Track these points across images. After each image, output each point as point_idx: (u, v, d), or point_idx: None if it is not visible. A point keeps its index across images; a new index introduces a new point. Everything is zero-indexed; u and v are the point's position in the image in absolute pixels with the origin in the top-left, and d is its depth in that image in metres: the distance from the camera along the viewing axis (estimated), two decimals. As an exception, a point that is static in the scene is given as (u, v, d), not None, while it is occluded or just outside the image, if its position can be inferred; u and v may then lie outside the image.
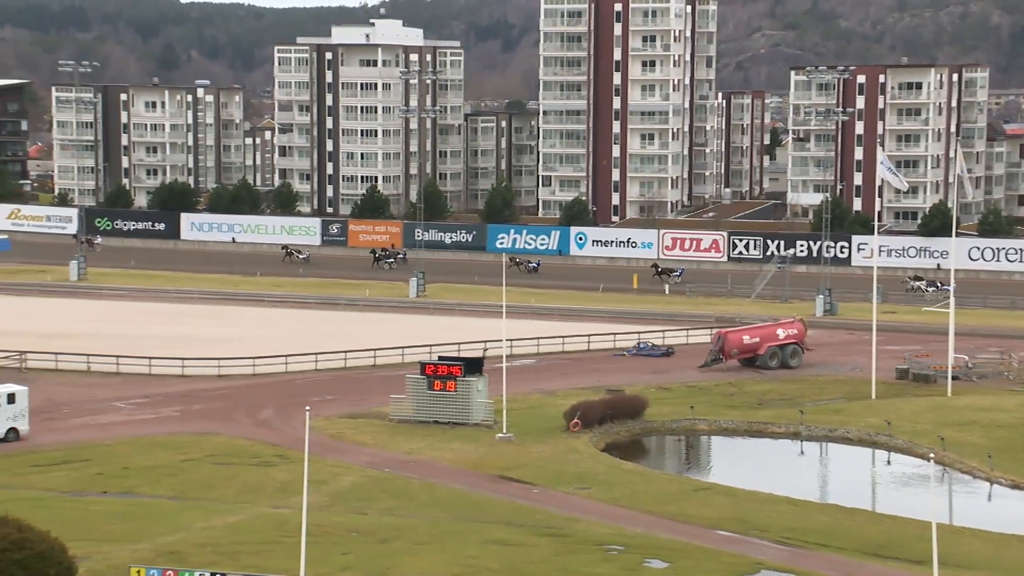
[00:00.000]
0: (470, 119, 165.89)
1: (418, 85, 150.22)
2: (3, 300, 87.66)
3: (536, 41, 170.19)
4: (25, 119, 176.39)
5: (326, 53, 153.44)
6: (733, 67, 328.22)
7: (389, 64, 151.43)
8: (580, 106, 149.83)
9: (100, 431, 55.65)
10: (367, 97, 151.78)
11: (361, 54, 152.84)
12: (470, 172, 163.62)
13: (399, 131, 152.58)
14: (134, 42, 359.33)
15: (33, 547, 32.78)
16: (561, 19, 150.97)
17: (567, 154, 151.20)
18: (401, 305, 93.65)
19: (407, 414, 58.29)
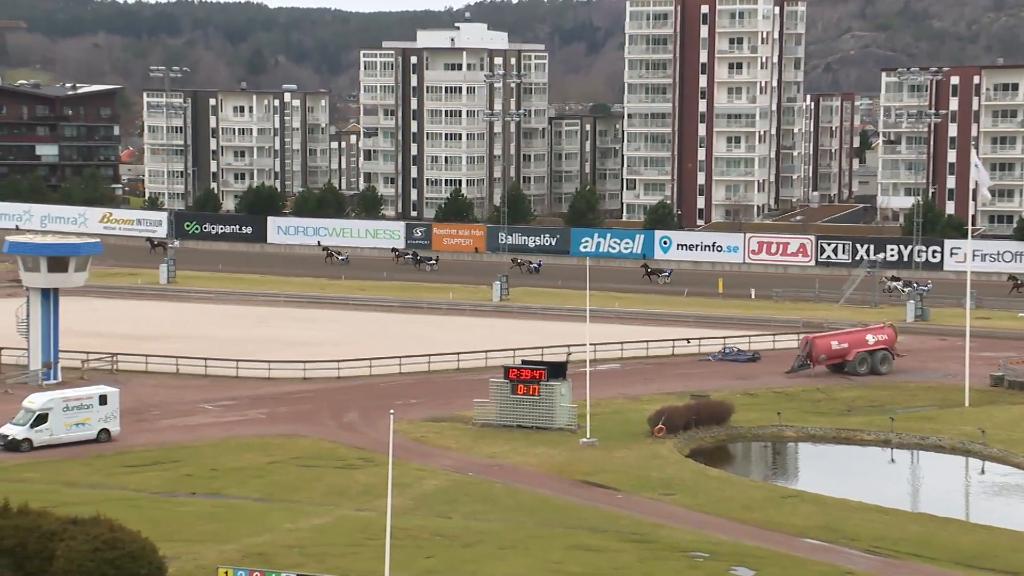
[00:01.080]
0: (554, 122, 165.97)
1: (502, 88, 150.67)
2: (95, 303, 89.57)
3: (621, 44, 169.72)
4: (117, 124, 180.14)
5: (411, 57, 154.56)
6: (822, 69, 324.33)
7: (474, 68, 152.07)
8: (665, 109, 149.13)
9: (189, 432, 56.60)
10: (451, 101, 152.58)
11: (446, 58, 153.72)
12: (554, 176, 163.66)
13: (483, 135, 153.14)
14: (223, 47, 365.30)
15: (125, 547, 33.43)
16: (647, 21, 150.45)
17: (652, 157, 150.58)
18: (485, 309, 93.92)
19: (491, 418, 58.46)
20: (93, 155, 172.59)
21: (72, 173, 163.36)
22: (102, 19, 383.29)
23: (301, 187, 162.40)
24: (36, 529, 34.31)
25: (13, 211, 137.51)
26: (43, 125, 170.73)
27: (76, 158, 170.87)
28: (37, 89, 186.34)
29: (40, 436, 53.09)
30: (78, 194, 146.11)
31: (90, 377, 65.61)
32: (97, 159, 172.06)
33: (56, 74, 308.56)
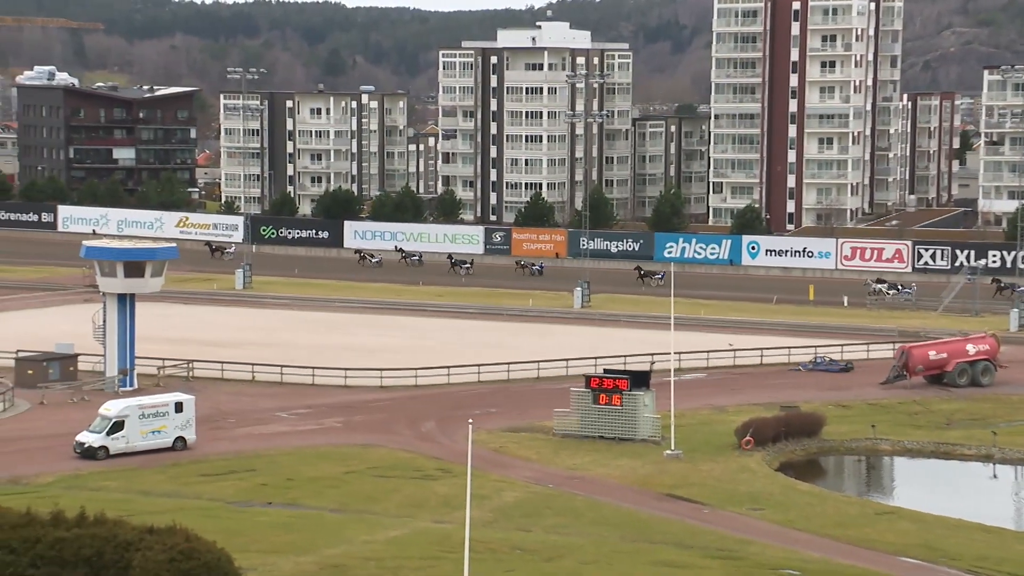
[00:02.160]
0: (638, 124, 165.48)
1: (585, 89, 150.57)
2: (171, 308, 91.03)
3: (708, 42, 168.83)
4: (194, 127, 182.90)
5: (491, 57, 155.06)
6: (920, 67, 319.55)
7: (555, 68, 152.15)
8: (754, 109, 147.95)
9: (264, 441, 57.25)
10: (532, 102, 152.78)
11: (527, 57, 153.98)
12: (637, 179, 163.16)
13: (564, 136, 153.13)
14: (300, 48, 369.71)
15: (200, 557, 33.87)
16: (735, 19, 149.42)
17: (739, 159, 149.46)
18: (565, 316, 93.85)
19: (571, 428, 58.37)
20: (170, 158, 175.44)
21: (149, 177, 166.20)
22: (179, 20, 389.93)
23: (378, 191, 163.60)
24: (112, 538, 34.91)
25: (90, 215, 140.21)
26: (120, 128, 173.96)
27: (153, 162, 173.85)
28: (115, 92, 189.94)
29: (116, 444, 54.03)
30: (154, 198, 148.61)
31: (166, 384, 66.72)
32: (174, 163, 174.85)
33: (133, 76, 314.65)
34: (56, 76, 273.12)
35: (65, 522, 35.69)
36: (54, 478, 50.29)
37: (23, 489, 48.11)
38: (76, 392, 64.97)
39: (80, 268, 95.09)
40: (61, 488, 48.58)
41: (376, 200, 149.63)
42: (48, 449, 54.63)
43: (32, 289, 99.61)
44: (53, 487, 48.82)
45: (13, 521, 35.67)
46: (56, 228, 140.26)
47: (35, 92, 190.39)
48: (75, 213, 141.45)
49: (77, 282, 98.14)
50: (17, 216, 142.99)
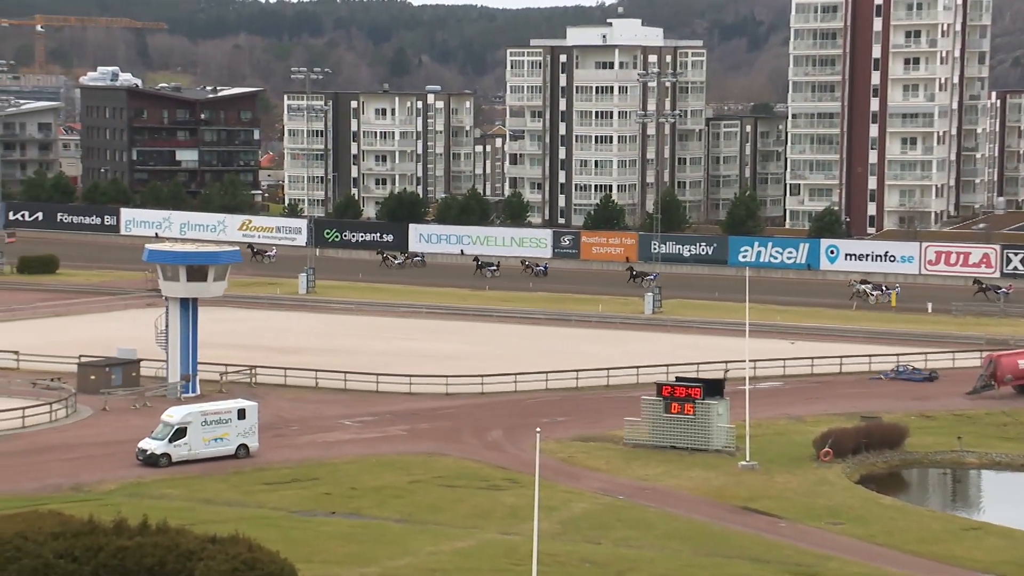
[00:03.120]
0: (712, 123, 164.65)
1: (657, 88, 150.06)
2: (234, 313, 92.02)
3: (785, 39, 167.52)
4: (258, 128, 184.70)
5: (560, 55, 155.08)
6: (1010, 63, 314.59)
7: (626, 66, 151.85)
8: (833, 108, 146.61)
9: (328, 449, 57.67)
10: (602, 101, 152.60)
11: (597, 56, 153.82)
12: (711, 180, 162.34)
13: (635, 137, 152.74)
14: (365, 47, 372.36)
15: (264, 567, 34.21)
16: (814, 15, 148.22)
17: (818, 160, 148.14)
18: (636, 322, 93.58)
19: (642, 438, 58.20)
20: (233, 160, 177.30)
21: (212, 179, 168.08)
22: (243, 20, 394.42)
23: (444, 193, 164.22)
24: (175, 548, 35.37)
25: (153, 218, 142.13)
26: (183, 129, 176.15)
27: (216, 163, 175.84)
28: (178, 92, 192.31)
29: (179, 451, 54.69)
30: (217, 201, 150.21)
31: (229, 390, 67.41)
32: (237, 164, 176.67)
33: (196, 77, 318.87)
34: (119, 77, 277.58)
35: (127, 530, 36.22)
36: (116, 485, 51.02)
37: (85, 496, 48.88)
38: (138, 398, 65.85)
39: (143, 272, 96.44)
40: (123, 496, 49.27)
41: (442, 203, 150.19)
42: (110, 456, 55.44)
43: (95, 293, 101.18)
44: (115, 495, 49.54)
45: (76, 529, 36.28)
46: (119, 231, 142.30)
47: (98, 93, 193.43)
48: (138, 216, 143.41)
49: (140, 286, 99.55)
50: (80, 219, 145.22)
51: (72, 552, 35.50)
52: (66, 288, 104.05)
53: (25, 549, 35.31)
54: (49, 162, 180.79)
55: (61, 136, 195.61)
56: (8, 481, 50.89)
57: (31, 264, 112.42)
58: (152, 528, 36.34)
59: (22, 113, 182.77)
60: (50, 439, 58.25)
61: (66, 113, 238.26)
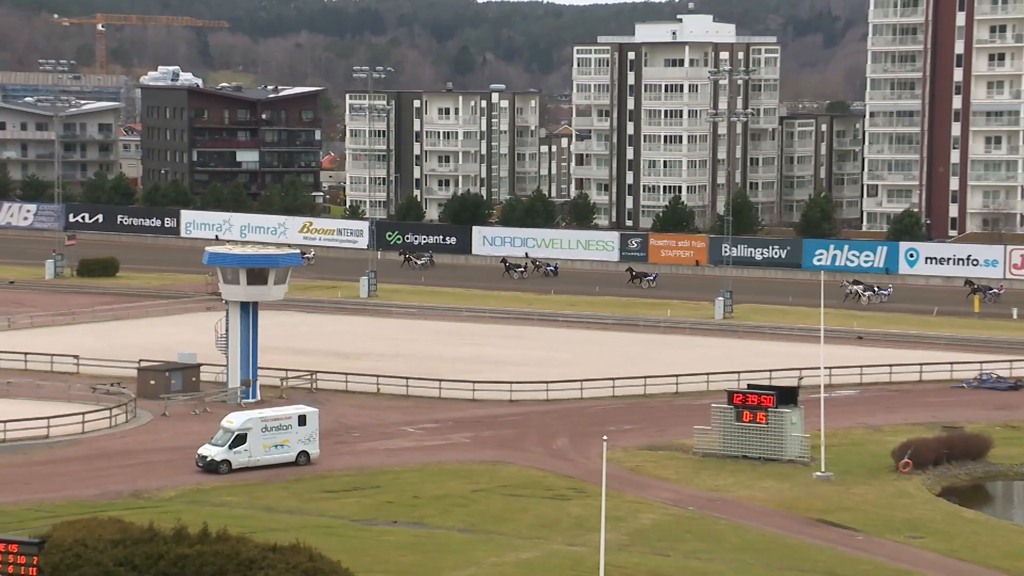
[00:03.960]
0: (786, 122, 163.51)
1: (728, 86, 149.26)
2: (295, 318, 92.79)
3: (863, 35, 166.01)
4: (319, 128, 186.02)
5: (628, 53, 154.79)
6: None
7: (697, 63, 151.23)
8: (913, 106, 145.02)
9: (390, 457, 57.95)
10: (672, 100, 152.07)
11: (666, 53, 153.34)
12: (785, 181, 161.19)
13: (706, 136, 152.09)
14: (429, 45, 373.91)
15: (323, 576, 34.48)
16: (893, 9, 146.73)
17: (897, 160, 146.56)
18: (706, 327, 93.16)
19: (713, 447, 57.97)
20: (294, 161, 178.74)
21: (272, 180, 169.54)
22: (305, 18, 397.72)
23: (508, 194, 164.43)
24: (235, 556, 35.74)
25: (213, 220, 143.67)
26: (244, 130, 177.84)
27: (277, 164, 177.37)
28: (239, 92, 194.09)
29: (239, 458, 55.21)
30: (278, 203, 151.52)
31: (289, 396, 67.98)
32: (298, 165, 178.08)
33: (258, 76, 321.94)
34: (180, 77, 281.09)
35: (188, 538, 36.66)
36: (176, 492, 51.64)
37: (145, 503, 49.52)
38: (198, 403, 66.59)
39: (203, 275, 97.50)
40: (183, 503, 49.87)
41: (506, 204, 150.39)
42: (170, 462, 56.11)
43: (154, 297, 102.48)
44: (175, 502, 50.14)
45: (136, 536, 36.77)
46: (179, 234, 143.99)
47: (159, 93, 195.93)
48: (198, 218, 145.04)
49: (200, 289, 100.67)
50: (140, 221, 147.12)
51: (132, 560, 35.99)
52: (126, 291, 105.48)
53: (85, 556, 35.86)
54: (109, 163, 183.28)
55: (121, 137, 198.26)
56: (68, 487, 51.68)
57: (91, 267, 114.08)
58: (212, 536, 36.75)
59: (83, 114, 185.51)
60: (110, 445, 59.08)
61: (126, 113, 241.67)
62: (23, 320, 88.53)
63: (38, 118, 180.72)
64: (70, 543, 36.27)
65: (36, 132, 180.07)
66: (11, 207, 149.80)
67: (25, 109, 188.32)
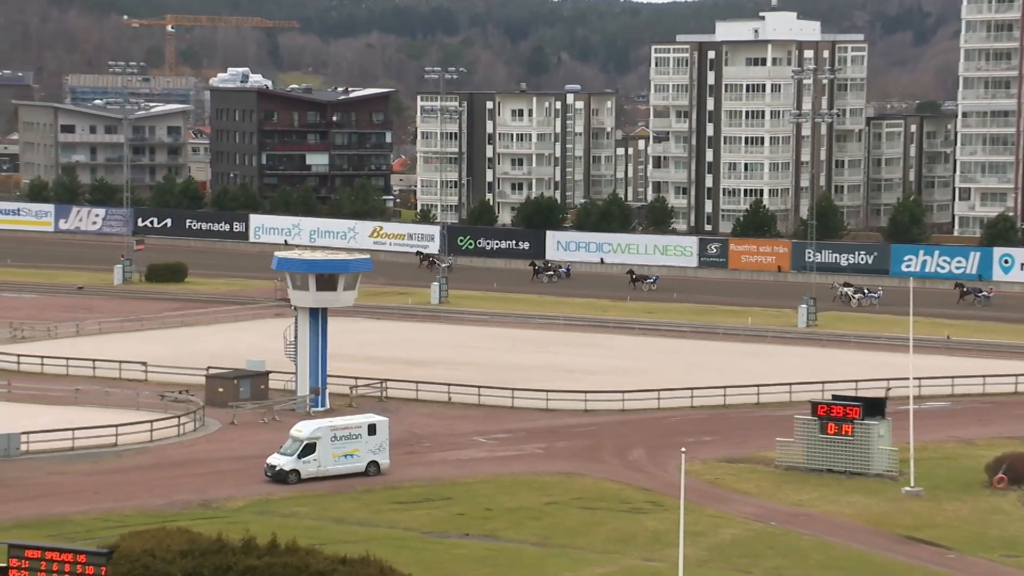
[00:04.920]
0: (873, 123, 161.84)
1: (812, 85, 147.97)
2: (364, 324, 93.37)
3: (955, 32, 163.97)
4: (390, 130, 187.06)
5: (708, 52, 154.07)
6: None
7: (780, 62, 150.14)
8: (1009, 106, 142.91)
9: (461, 467, 58.11)
10: (753, 100, 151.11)
11: (748, 52, 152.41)
12: (871, 184, 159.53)
13: (789, 138, 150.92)
14: (502, 45, 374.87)
15: (394, 589, 34.63)
16: (988, 5, 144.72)
17: (991, 163, 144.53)
18: (788, 335, 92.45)
19: (796, 460, 57.56)
20: (364, 164, 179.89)
21: (342, 184, 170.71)
22: (376, 18, 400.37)
23: (583, 198, 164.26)
24: (305, 568, 36.03)
25: (282, 225, 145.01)
26: (313, 132, 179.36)
27: (346, 168, 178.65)
28: (308, 94, 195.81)
29: (308, 467, 55.62)
30: (348, 207, 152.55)
31: (359, 404, 68.38)
32: (368, 168, 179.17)
33: (328, 77, 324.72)
34: (249, 78, 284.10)
35: (256, 549, 37.01)
36: (244, 502, 52.14)
37: (214, 513, 50.07)
38: (266, 412, 67.18)
39: (272, 280, 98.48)
40: (252, 513, 50.34)
41: (581, 208, 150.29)
42: (239, 472, 56.69)
43: (223, 303, 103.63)
44: (244, 512, 50.64)
45: (204, 547, 37.19)
46: (248, 238, 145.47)
47: (228, 95, 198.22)
48: (267, 222, 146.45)
49: (268, 295, 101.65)
50: (209, 226, 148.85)
51: (200, 571, 36.39)
52: (194, 297, 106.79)
53: (153, 567, 36.32)
54: (178, 167, 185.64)
55: (190, 140, 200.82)
56: (136, 497, 52.40)
57: (159, 272, 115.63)
58: (281, 547, 37.06)
59: (152, 117, 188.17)
60: (178, 454, 59.82)
61: (195, 116, 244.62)
62: (91, 326, 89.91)
63: (107, 121, 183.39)
64: (138, 554, 36.75)
65: (105, 135, 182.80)
66: (80, 211, 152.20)
67: (94, 112, 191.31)
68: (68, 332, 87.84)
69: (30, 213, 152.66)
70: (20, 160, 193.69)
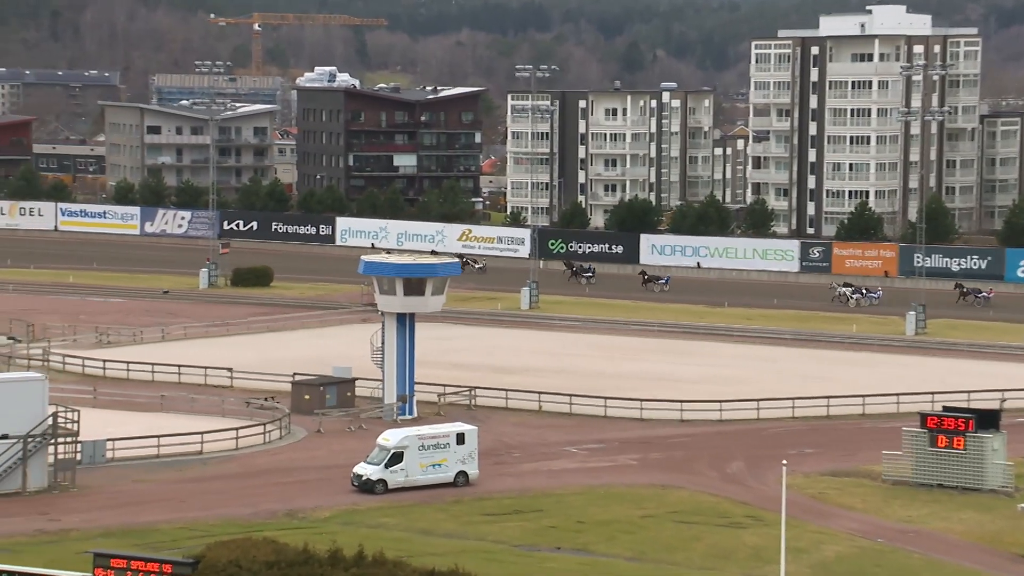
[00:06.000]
0: (987, 121, 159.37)
1: (922, 82, 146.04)
2: (453, 330, 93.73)
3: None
4: (479, 130, 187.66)
5: (812, 47, 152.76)
6: None
7: (887, 58, 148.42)
8: None
9: (552, 478, 58.12)
10: (859, 98, 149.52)
11: (853, 47, 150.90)
12: (985, 185, 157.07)
13: (897, 137, 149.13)
14: (596, 42, 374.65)
15: (483, 603, 34.67)
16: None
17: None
18: (896, 344, 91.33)
19: (904, 475, 56.93)
20: (452, 166, 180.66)
21: (430, 186, 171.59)
22: (466, 14, 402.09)
23: (679, 200, 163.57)
24: (391, 579, 36.23)
25: (369, 228, 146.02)
26: (401, 133, 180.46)
27: (435, 169, 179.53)
28: (396, 93, 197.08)
29: (395, 477, 55.95)
30: (436, 209, 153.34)
31: (447, 413, 68.69)
32: (457, 170, 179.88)
33: (416, 76, 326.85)
34: (337, 77, 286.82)
35: (343, 561, 37.33)
36: (331, 513, 52.59)
37: (300, 524, 50.56)
38: (353, 420, 67.72)
39: (358, 285, 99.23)
40: (338, 524, 50.76)
41: (677, 211, 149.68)
42: (325, 481, 57.19)
43: (309, 308, 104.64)
44: (330, 522, 51.08)
45: (291, 558, 37.58)
46: (334, 242, 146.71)
47: (315, 95, 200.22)
48: (353, 225, 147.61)
49: (355, 300, 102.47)
50: (295, 229, 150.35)
51: (285, 582, 36.76)
52: (280, 302, 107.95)
53: (238, 577, 36.76)
54: (264, 168, 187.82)
55: (276, 141, 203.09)
56: (223, 505, 53.08)
57: (245, 276, 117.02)
58: (368, 559, 37.34)
59: (238, 117, 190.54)
60: (264, 462, 60.50)
61: (282, 116, 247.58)
62: (177, 331, 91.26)
63: (193, 122, 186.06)
64: (224, 564, 37.22)
65: (191, 136, 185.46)
66: (165, 214, 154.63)
67: (180, 112, 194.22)
68: (154, 337, 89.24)
69: (116, 216, 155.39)
70: (106, 162, 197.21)
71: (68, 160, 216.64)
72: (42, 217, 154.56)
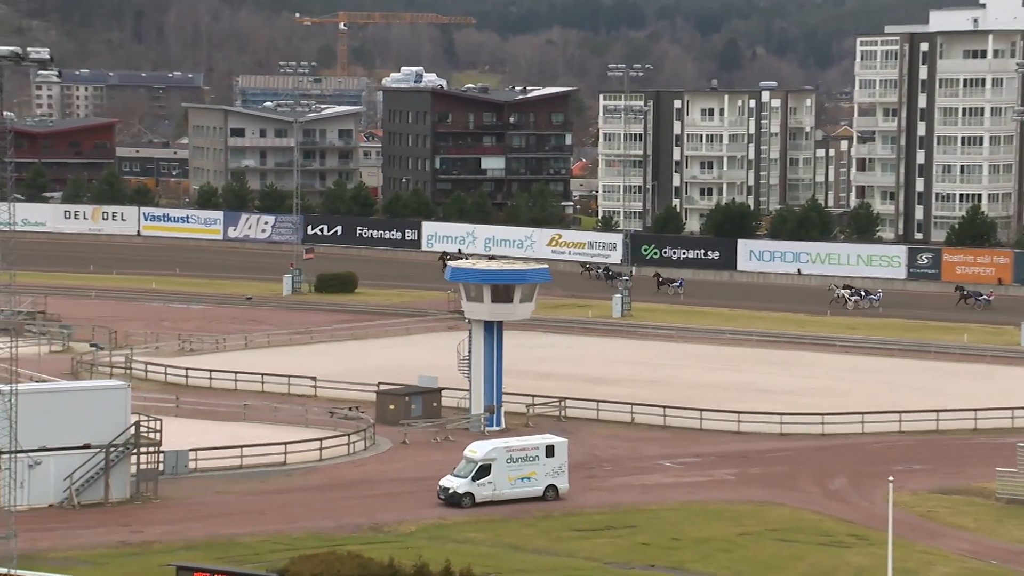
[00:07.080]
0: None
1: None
2: (542, 339, 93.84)
3: None
4: (570, 132, 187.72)
5: (920, 44, 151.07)
6: None
7: (1002, 55, 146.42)
8: None
9: (645, 493, 57.97)
10: (971, 96, 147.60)
11: (965, 43, 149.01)
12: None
13: (1011, 138, 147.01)
14: (692, 39, 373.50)
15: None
16: None
17: None
18: (1011, 355, 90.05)
19: (1019, 493, 56.15)
20: (542, 168, 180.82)
21: (519, 189, 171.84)
22: (557, 12, 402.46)
23: (779, 204, 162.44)
24: (478, 596, 36.29)
25: (456, 232, 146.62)
26: (489, 135, 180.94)
27: (524, 172, 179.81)
28: (485, 94, 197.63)
29: (482, 491, 56.05)
30: (525, 213, 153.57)
31: (536, 424, 68.76)
32: (546, 173, 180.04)
33: (505, 76, 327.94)
34: (423, 77, 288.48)
35: (428, 576, 37.45)
36: (417, 527, 52.83)
37: (385, 538, 50.85)
38: (439, 430, 67.97)
39: (444, 292, 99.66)
40: (424, 538, 50.99)
41: (776, 215, 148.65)
42: (411, 494, 57.48)
43: (394, 315, 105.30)
44: (416, 536, 51.32)
45: (376, 573, 37.87)
46: (420, 247, 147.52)
47: (401, 96, 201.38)
48: (440, 230, 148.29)
49: (441, 307, 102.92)
50: (380, 234, 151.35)
51: (370, 597, 36.97)
52: (364, 309, 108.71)
53: (322, 591, 37.03)
54: (349, 172, 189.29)
55: (362, 143, 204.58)
56: (306, 518, 53.52)
57: (329, 282, 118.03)
58: (455, 574, 37.42)
59: (322, 119, 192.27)
60: (348, 473, 60.94)
61: (367, 118, 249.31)
62: (260, 339, 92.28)
63: (277, 124, 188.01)
64: (307, 577, 37.51)
65: (275, 139, 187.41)
66: (249, 218, 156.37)
67: (264, 114, 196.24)
68: (237, 345, 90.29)
69: (199, 220, 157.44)
70: (189, 165, 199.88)
71: (151, 163, 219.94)
72: (125, 222, 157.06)
